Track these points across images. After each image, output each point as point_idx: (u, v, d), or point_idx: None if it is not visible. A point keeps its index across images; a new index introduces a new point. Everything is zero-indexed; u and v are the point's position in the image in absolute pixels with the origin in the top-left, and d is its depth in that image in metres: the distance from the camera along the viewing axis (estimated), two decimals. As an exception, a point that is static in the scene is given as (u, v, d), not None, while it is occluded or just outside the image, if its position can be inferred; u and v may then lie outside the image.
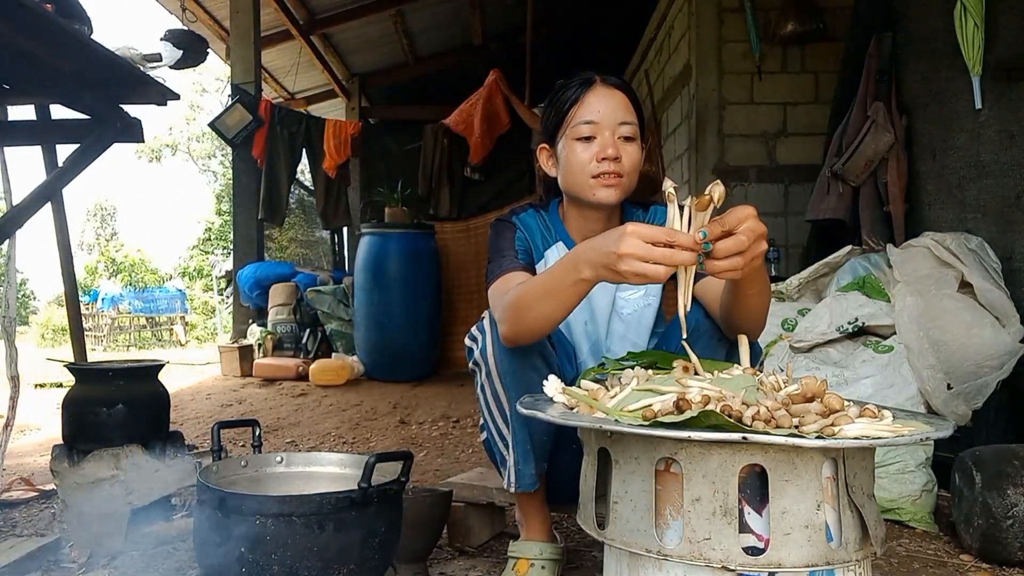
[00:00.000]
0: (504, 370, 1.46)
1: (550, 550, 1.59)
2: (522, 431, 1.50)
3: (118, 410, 1.86)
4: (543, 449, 1.53)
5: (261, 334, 5.46)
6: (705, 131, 4.93)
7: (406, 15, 7.47)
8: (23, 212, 2.33)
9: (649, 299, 1.65)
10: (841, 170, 3.23)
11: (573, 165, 1.53)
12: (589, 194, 1.52)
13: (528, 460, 1.50)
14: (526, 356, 1.45)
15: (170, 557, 1.82)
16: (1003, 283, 2.50)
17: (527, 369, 1.45)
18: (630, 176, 1.53)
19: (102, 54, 2.04)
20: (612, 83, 1.56)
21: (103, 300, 17.79)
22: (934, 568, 1.85)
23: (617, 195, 1.52)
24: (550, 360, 1.49)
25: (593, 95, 1.53)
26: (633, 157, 1.52)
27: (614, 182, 1.50)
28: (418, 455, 3.09)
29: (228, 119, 5.82)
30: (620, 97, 1.54)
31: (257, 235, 6.13)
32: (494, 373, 1.48)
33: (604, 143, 1.50)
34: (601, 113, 1.51)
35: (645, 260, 1.06)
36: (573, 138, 1.53)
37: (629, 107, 1.54)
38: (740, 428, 0.94)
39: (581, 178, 1.52)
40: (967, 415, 2.26)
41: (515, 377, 1.46)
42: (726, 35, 4.91)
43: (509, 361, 1.46)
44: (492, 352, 1.47)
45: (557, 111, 1.57)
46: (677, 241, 1.05)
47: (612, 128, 1.50)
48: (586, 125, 1.51)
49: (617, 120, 1.51)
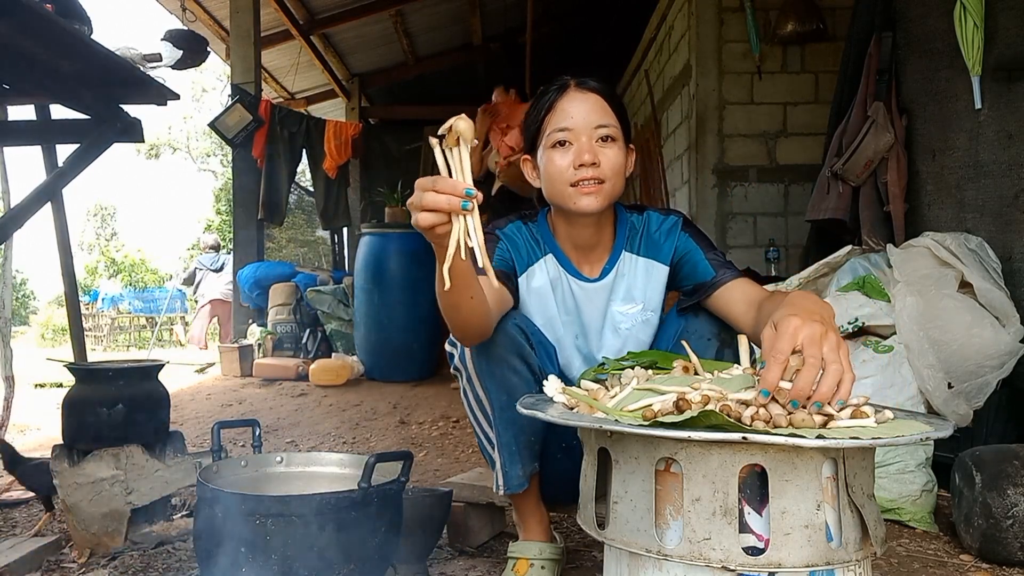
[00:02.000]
0: (483, 373, 1.46)
1: (550, 550, 1.59)
2: (507, 432, 1.49)
3: (118, 410, 1.86)
4: (531, 450, 1.51)
5: (261, 334, 5.46)
6: (705, 131, 4.93)
7: (406, 15, 7.47)
8: (23, 212, 2.34)
9: (647, 314, 1.58)
10: (841, 170, 3.23)
11: (552, 174, 1.48)
12: (570, 203, 1.46)
13: (515, 461, 1.49)
14: (503, 358, 1.43)
15: (170, 557, 1.82)
16: (1003, 283, 2.50)
17: (506, 371, 1.44)
18: (612, 180, 1.46)
19: (102, 54, 2.05)
20: (587, 86, 1.50)
21: (103, 300, 17.77)
22: (934, 568, 1.85)
23: (599, 201, 1.45)
24: (529, 360, 1.46)
25: (567, 100, 1.48)
26: (613, 160, 1.46)
27: (593, 189, 1.44)
28: (418, 455, 3.09)
29: (228, 119, 5.82)
30: (595, 100, 1.48)
31: (257, 235, 6.13)
32: (474, 377, 1.48)
33: (580, 149, 1.44)
34: (575, 118, 1.45)
35: (420, 209, 1.03)
36: (549, 146, 1.48)
37: (606, 108, 1.48)
38: (740, 428, 0.94)
39: (560, 187, 1.47)
40: (968, 415, 2.26)
41: (494, 380, 1.45)
42: (726, 35, 4.92)
43: (487, 364, 1.45)
44: (469, 356, 1.47)
45: (534, 119, 1.53)
46: (437, 187, 1.01)
47: (587, 132, 1.45)
48: (560, 132, 1.46)
49: (592, 124, 1.45)
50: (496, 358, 1.44)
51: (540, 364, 1.50)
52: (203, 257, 9.45)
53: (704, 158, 4.93)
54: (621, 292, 1.58)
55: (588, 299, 1.58)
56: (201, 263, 9.38)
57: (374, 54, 8.40)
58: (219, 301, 8.96)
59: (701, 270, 1.51)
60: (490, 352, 1.43)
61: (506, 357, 1.44)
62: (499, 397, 1.47)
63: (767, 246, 4.72)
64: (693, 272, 1.53)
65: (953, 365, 2.31)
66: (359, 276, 5.06)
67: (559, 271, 1.58)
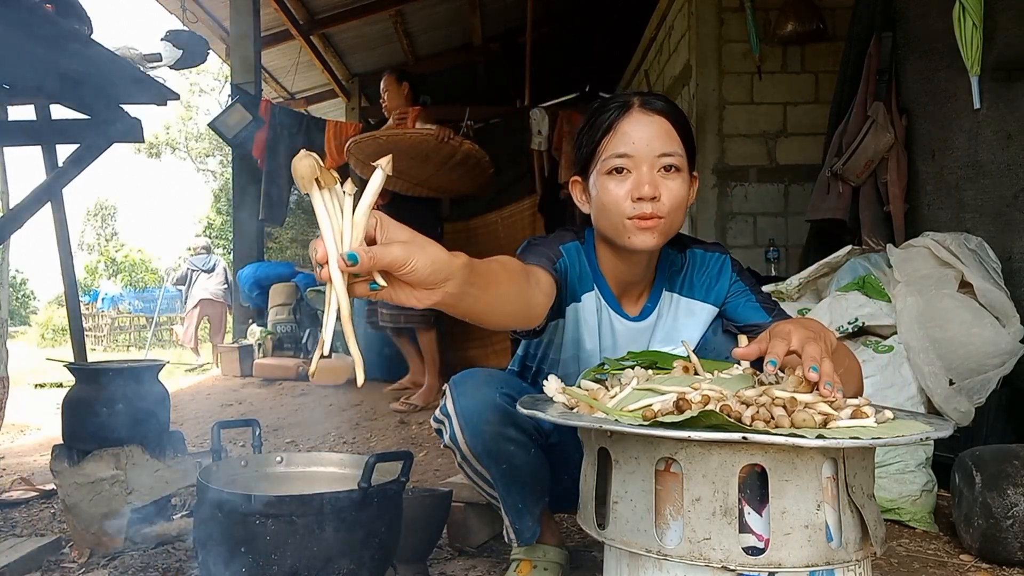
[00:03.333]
0: (479, 452, 1.41)
1: (553, 553, 1.59)
2: (510, 496, 1.47)
3: (118, 410, 1.86)
4: (538, 497, 1.50)
5: (261, 334, 5.47)
6: (705, 131, 4.93)
7: (406, 15, 7.47)
8: (23, 212, 2.34)
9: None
10: (841, 170, 3.23)
11: (606, 204, 1.33)
12: (624, 238, 1.33)
13: (523, 517, 1.49)
14: (498, 434, 1.39)
15: (170, 557, 1.82)
16: (1003, 283, 2.50)
17: (502, 444, 1.40)
18: (672, 216, 1.32)
19: (102, 54, 2.04)
20: (653, 107, 1.34)
21: (103, 300, 17.78)
22: (934, 568, 1.85)
23: (656, 239, 1.32)
24: (524, 427, 1.42)
25: (628, 122, 1.32)
26: (676, 193, 1.31)
27: (651, 224, 1.30)
28: (418, 455, 3.09)
29: (228, 119, 5.82)
30: (661, 123, 1.32)
31: (257, 235, 6.13)
32: (469, 456, 1.43)
33: (640, 180, 1.29)
34: (636, 144, 1.30)
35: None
36: (604, 172, 1.33)
37: (673, 135, 1.33)
38: (740, 428, 0.94)
39: (615, 219, 1.33)
40: (970, 412, 2.26)
41: (492, 456, 1.41)
42: (726, 35, 4.91)
43: (482, 443, 1.40)
44: (462, 439, 1.41)
45: (589, 139, 1.37)
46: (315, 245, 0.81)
47: (650, 161, 1.30)
48: (619, 158, 1.31)
49: (656, 152, 1.30)
50: (490, 437, 1.39)
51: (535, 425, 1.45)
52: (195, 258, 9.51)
53: (704, 158, 4.92)
54: (661, 334, 1.48)
55: (631, 338, 1.47)
56: (193, 264, 9.43)
57: (374, 54, 8.40)
58: (208, 301, 8.98)
59: (752, 312, 1.44)
60: (483, 433, 1.39)
61: (501, 432, 1.39)
62: (499, 468, 1.43)
63: (767, 246, 4.72)
64: (743, 314, 1.45)
65: (954, 364, 2.32)
66: (359, 276, 5.05)
67: (601, 304, 1.47)
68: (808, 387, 1.02)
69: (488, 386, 1.41)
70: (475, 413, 1.39)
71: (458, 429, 1.41)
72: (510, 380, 1.47)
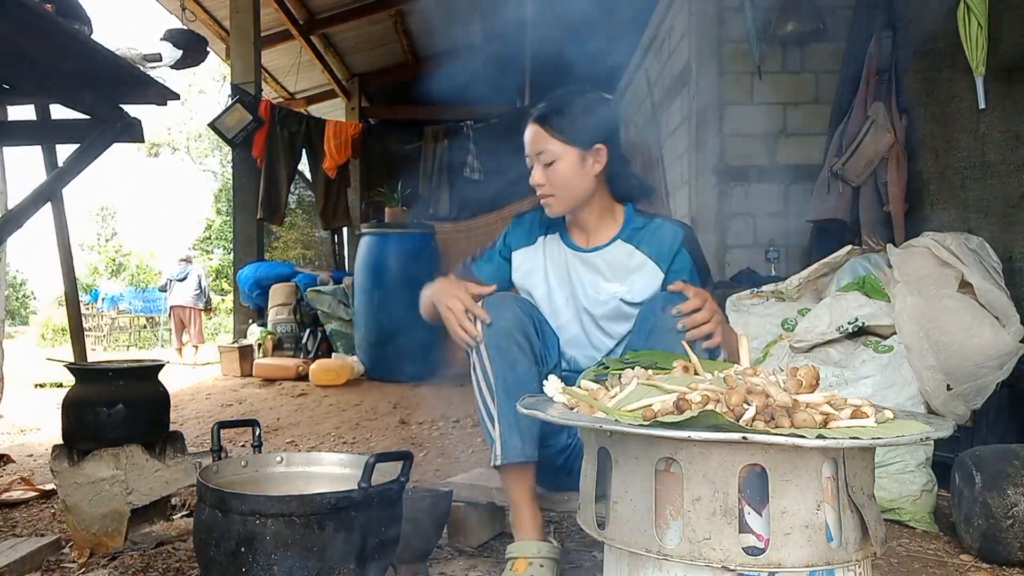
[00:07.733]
0: (490, 345, 1.63)
1: (547, 549, 1.60)
2: (507, 404, 1.58)
3: (118, 410, 1.86)
4: (531, 432, 1.61)
5: (261, 334, 5.46)
6: (705, 131, 4.92)
7: (406, 15, 7.47)
8: (23, 212, 2.33)
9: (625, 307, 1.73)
10: (841, 170, 3.23)
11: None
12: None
13: (514, 432, 1.59)
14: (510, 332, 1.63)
15: (170, 557, 1.82)
16: (1003, 283, 2.49)
17: (511, 344, 1.62)
18: (561, 191, 1.72)
19: (102, 54, 2.04)
20: (531, 117, 1.75)
21: (103, 300, 17.77)
22: (934, 568, 1.85)
23: (553, 208, 1.75)
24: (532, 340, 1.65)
25: (526, 131, 1.75)
26: (559, 176, 1.70)
27: (547, 201, 1.75)
28: (418, 455, 3.08)
29: (228, 119, 5.82)
30: (533, 129, 1.72)
31: (257, 235, 6.13)
32: (482, 348, 1.64)
33: (532, 173, 1.74)
34: (527, 147, 1.75)
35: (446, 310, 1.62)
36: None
37: (542, 134, 1.71)
38: (740, 428, 0.94)
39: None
40: (966, 415, 2.26)
41: (499, 352, 1.62)
42: (726, 35, 4.91)
43: (494, 337, 1.63)
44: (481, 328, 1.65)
45: None
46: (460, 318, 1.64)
47: (533, 158, 1.73)
48: (527, 158, 1.76)
49: (534, 151, 1.72)
50: (503, 332, 1.62)
51: (542, 349, 1.68)
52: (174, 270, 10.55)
53: (704, 158, 4.92)
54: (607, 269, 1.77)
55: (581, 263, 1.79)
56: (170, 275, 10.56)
57: (374, 54, 8.41)
58: (179, 307, 10.24)
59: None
60: (498, 326, 1.63)
61: (512, 332, 1.63)
62: (502, 368, 1.61)
63: (767, 246, 4.72)
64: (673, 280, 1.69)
65: (953, 366, 2.31)
66: (359, 276, 5.06)
67: (561, 245, 1.83)
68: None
69: (514, 299, 1.74)
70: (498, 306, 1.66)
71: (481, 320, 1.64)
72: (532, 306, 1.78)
